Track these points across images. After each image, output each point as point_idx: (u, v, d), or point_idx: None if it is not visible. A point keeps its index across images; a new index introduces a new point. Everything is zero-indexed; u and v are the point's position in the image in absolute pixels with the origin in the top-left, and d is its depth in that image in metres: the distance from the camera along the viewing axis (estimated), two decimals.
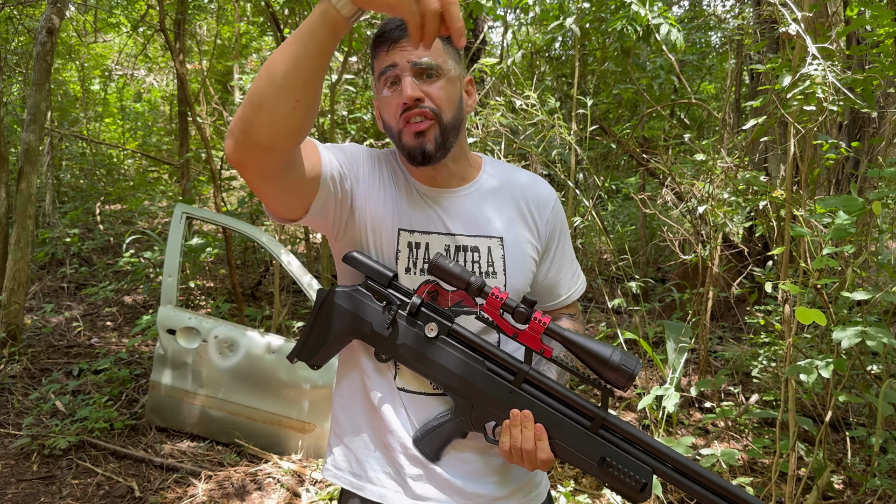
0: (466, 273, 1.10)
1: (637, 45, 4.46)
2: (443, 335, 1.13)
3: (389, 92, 1.17)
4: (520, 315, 1.08)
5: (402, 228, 1.20)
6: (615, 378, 1.05)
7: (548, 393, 1.12)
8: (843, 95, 2.32)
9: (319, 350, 1.19)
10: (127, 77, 11.12)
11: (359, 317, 1.16)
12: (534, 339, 1.09)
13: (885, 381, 2.41)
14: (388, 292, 1.15)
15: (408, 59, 1.15)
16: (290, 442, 3.50)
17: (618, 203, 8.33)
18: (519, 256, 1.25)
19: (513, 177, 1.32)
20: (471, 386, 1.12)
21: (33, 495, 3.16)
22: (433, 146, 1.16)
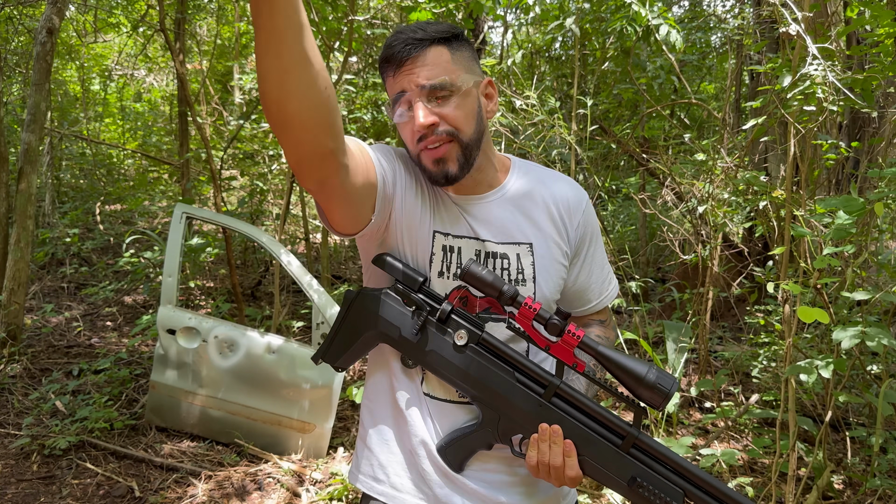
0: (499, 281, 1.07)
1: (637, 46, 4.46)
2: (472, 343, 1.10)
3: (405, 117, 1.12)
4: (553, 327, 1.05)
5: (438, 231, 1.18)
6: (650, 397, 1.02)
7: (578, 408, 1.09)
8: (843, 95, 2.32)
9: (345, 352, 1.16)
10: (127, 77, 11.12)
11: (387, 321, 1.12)
12: (566, 352, 1.06)
13: (885, 381, 2.41)
14: (419, 297, 1.12)
15: (416, 84, 1.10)
16: (290, 442, 3.50)
17: (618, 203, 8.33)
18: (548, 263, 1.22)
19: (542, 180, 1.28)
20: (499, 397, 1.09)
21: (33, 495, 3.16)
22: (456, 168, 1.13)
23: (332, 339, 1.16)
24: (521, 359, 1.10)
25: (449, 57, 1.13)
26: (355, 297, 1.15)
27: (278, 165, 8.49)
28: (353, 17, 5.26)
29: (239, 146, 8.56)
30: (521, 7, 5.89)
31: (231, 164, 8.92)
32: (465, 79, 1.13)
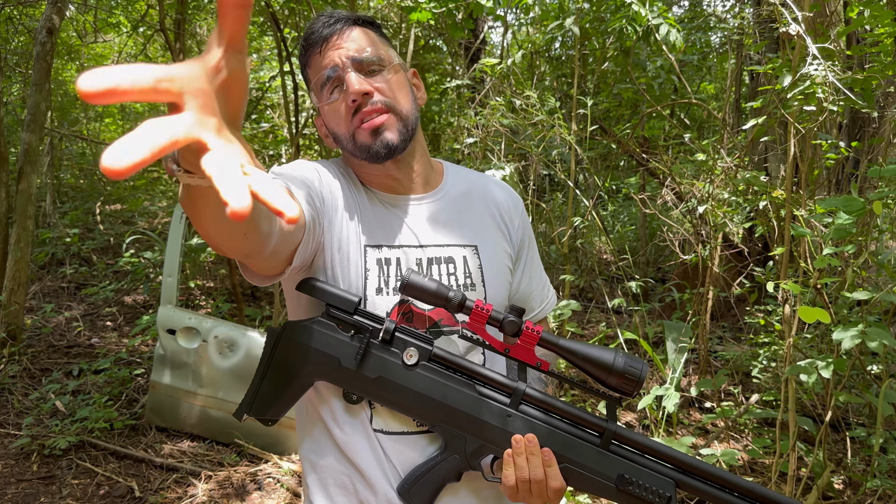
0: (444, 288, 0.97)
1: (637, 45, 4.46)
2: (423, 361, 0.98)
3: (336, 96, 1.06)
4: (510, 326, 0.96)
5: (369, 245, 1.07)
6: (621, 384, 0.95)
7: (549, 412, 1.00)
8: (843, 95, 2.32)
9: (277, 401, 0.99)
10: None
11: (322, 352, 0.98)
12: (527, 352, 0.97)
13: (885, 381, 2.41)
14: (356, 319, 0.99)
15: (346, 56, 1.05)
16: (290, 442, 3.50)
17: (618, 203, 8.33)
18: (496, 265, 1.14)
19: (478, 181, 1.22)
20: (462, 415, 0.97)
21: (33, 495, 3.16)
22: (396, 136, 1.05)
23: (258, 388, 0.99)
24: (479, 369, 1.00)
25: (374, 37, 1.10)
26: (282, 332, 0.99)
27: (278, 165, 8.48)
28: None
29: None
30: (520, 7, 5.89)
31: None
32: (392, 55, 1.10)
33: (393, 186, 1.13)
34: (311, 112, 6.74)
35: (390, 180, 1.12)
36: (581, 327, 5.63)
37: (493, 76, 4.49)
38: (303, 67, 1.11)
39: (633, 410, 3.85)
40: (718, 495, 0.95)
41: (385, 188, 1.13)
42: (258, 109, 8.40)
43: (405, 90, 1.09)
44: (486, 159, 4.32)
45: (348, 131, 1.06)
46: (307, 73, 1.11)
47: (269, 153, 8.62)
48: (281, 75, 6.77)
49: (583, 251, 6.77)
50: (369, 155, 1.06)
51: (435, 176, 1.18)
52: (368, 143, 1.05)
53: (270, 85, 8.03)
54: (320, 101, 1.08)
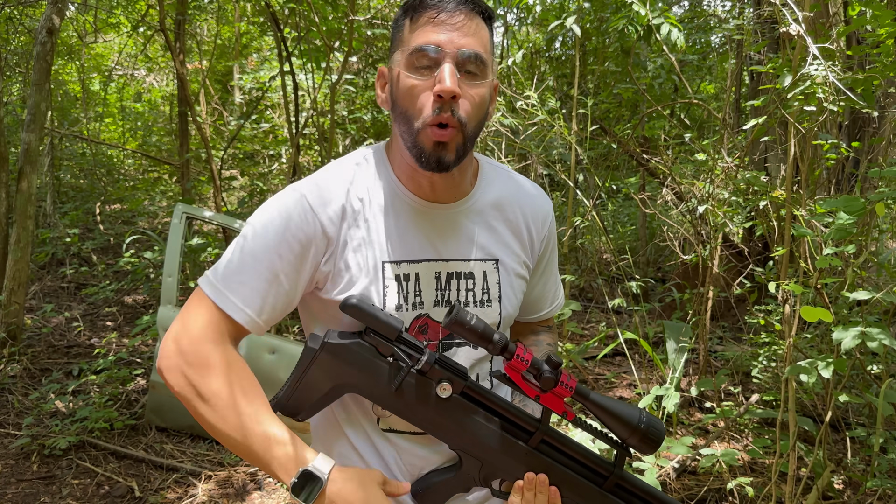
0: (489, 330, 0.96)
1: (637, 45, 4.46)
2: (455, 394, 1.01)
3: (418, 77, 0.98)
4: (547, 381, 0.98)
5: (388, 261, 1.05)
6: (641, 444, 1.01)
7: (563, 452, 1.06)
8: (843, 95, 2.32)
9: (307, 407, 1.02)
10: (127, 77, 11.12)
11: (360, 374, 1.00)
12: (557, 402, 1.01)
13: (885, 381, 2.41)
14: (398, 349, 0.99)
15: (457, 45, 0.97)
16: None
17: (618, 203, 8.33)
18: (513, 281, 1.14)
19: (512, 187, 1.18)
20: (483, 446, 1.03)
21: (33, 495, 3.16)
22: (453, 157, 1.00)
23: (293, 393, 1.01)
24: (507, 406, 1.04)
25: (488, 38, 1.03)
26: (320, 349, 0.99)
27: (278, 165, 8.49)
28: (353, 17, 5.26)
29: (239, 146, 8.57)
30: (520, 7, 5.89)
31: (231, 164, 8.93)
32: (492, 68, 1.03)
33: (424, 190, 1.08)
34: (310, 112, 6.74)
35: (426, 183, 1.07)
36: (581, 327, 5.63)
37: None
38: (407, 11, 1.01)
39: None
40: None
41: (420, 192, 1.08)
42: (259, 109, 8.40)
43: (483, 109, 1.03)
44: None
45: (416, 119, 0.99)
46: (403, 32, 1.02)
47: (269, 153, 8.63)
48: (281, 75, 6.77)
49: (583, 251, 6.78)
50: (419, 158, 1.01)
51: (467, 182, 1.13)
52: (426, 148, 0.99)
53: (270, 85, 8.04)
54: (401, 68, 1.00)
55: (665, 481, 3.01)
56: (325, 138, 6.60)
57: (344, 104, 7.20)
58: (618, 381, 4.50)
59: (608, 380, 4.49)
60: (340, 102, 6.95)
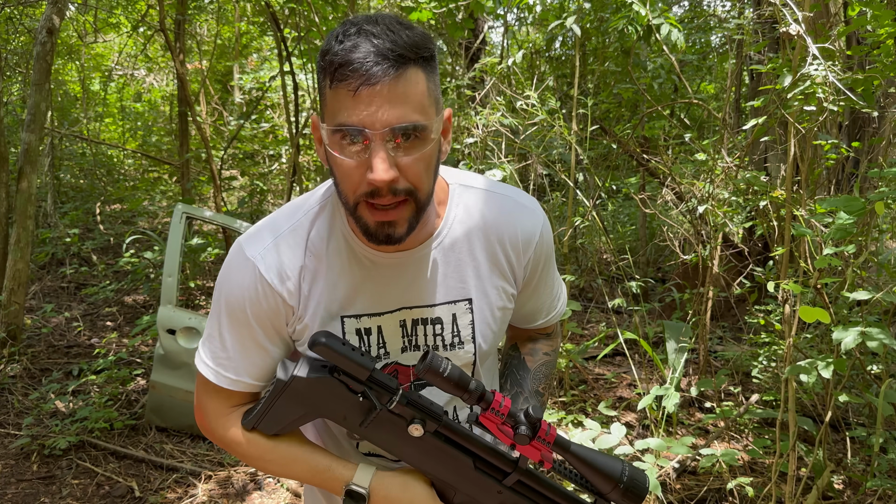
0: (465, 379, 0.91)
1: (637, 45, 4.46)
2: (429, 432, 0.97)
3: (349, 157, 0.87)
4: (521, 438, 0.93)
5: (346, 315, 1.02)
6: (621, 501, 0.97)
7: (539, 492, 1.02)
8: (843, 95, 2.32)
9: (279, 427, 1.02)
10: (127, 77, 11.12)
11: (329, 408, 0.97)
12: (534, 452, 0.96)
13: (885, 381, 2.41)
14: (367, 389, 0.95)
15: (384, 122, 0.83)
16: None
17: (618, 203, 8.34)
18: (489, 317, 1.08)
19: (487, 211, 1.06)
20: (457, 483, 1.01)
21: (33, 495, 3.16)
22: (404, 231, 0.92)
23: (264, 415, 1.01)
24: (482, 445, 0.99)
25: (425, 86, 0.88)
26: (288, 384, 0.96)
27: (278, 165, 8.49)
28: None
29: (239, 146, 8.57)
30: (520, 7, 5.90)
31: (231, 164, 8.93)
32: (436, 120, 0.90)
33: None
34: (310, 112, 6.74)
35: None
36: (581, 327, 5.63)
37: (493, 76, 4.49)
38: (325, 74, 0.87)
39: (634, 411, 3.85)
40: None
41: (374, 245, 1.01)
42: (259, 109, 8.40)
43: (432, 166, 0.92)
44: (486, 159, 4.32)
45: (352, 200, 0.91)
46: (326, 100, 0.89)
47: (269, 153, 8.63)
48: (281, 75, 6.77)
49: (583, 251, 6.78)
50: (364, 233, 0.94)
51: (432, 220, 1.03)
52: (370, 226, 0.92)
53: (270, 85, 8.04)
54: (328, 141, 0.89)
55: (665, 481, 3.01)
56: None
57: None
58: (618, 382, 4.50)
59: (608, 380, 4.49)
60: None
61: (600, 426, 2.83)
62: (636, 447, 2.81)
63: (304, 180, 6.89)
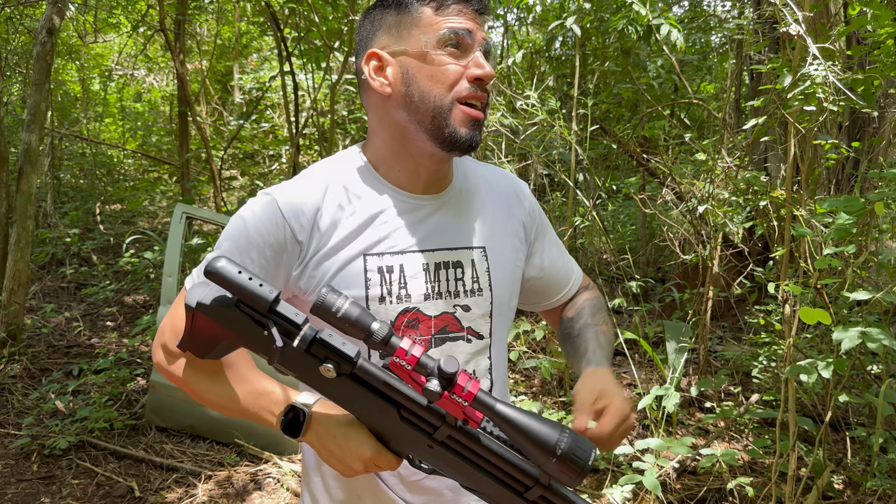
0: (366, 319, 0.82)
1: (637, 45, 4.46)
2: (345, 374, 0.87)
3: (450, 58, 1.01)
4: (430, 394, 0.80)
5: (369, 253, 1.03)
6: (561, 471, 0.80)
7: (476, 450, 0.88)
8: (843, 95, 2.32)
9: (209, 353, 0.93)
10: (127, 77, 11.12)
11: (240, 338, 0.88)
12: (454, 407, 0.82)
13: (885, 381, 2.41)
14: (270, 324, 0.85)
15: (482, 35, 1.03)
16: (289, 442, 3.50)
17: (618, 203, 8.33)
18: (503, 266, 1.12)
19: (486, 174, 1.19)
20: (386, 431, 0.90)
21: (33, 495, 3.16)
22: (479, 137, 1.04)
23: (189, 342, 0.92)
24: (407, 392, 0.87)
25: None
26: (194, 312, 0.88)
27: (278, 165, 8.49)
28: (354, 17, 5.26)
29: (239, 146, 8.57)
30: (520, 7, 5.89)
31: (231, 164, 8.93)
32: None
33: (413, 184, 1.07)
34: (310, 112, 6.74)
35: (423, 174, 1.07)
36: None
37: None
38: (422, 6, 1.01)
39: (633, 410, 3.85)
40: None
41: (400, 183, 1.07)
42: (259, 109, 8.40)
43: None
44: (486, 159, 4.32)
45: (448, 100, 1.00)
46: (421, 11, 1.01)
47: (269, 153, 8.64)
48: (281, 75, 6.77)
49: (583, 251, 6.77)
50: (450, 141, 1.01)
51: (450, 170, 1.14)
52: (461, 128, 1.01)
53: (270, 85, 8.04)
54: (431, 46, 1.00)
55: (665, 481, 3.01)
56: (325, 138, 6.60)
57: (344, 104, 7.20)
58: (618, 382, 4.51)
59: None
60: (340, 102, 6.96)
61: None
62: (636, 447, 2.81)
63: None
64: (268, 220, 1.01)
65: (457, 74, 1.00)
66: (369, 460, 0.91)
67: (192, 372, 0.98)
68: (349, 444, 0.92)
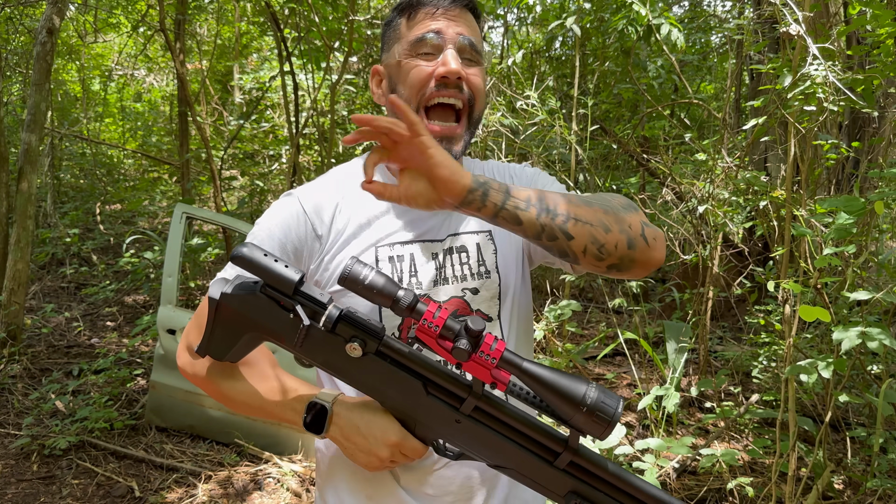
0: (391, 287, 0.84)
1: (637, 45, 4.46)
2: (371, 353, 0.89)
3: (421, 61, 1.04)
4: (459, 353, 0.81)
5: (380, 244, 1.07)
6: (588, 425, 0.81)
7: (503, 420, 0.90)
8: (843, 95, 2.32)
9: (230, 352, 0.95)
10: (127, 77, 11.12)
11: (264, 326, 0.90)
12: (482, 371, 0.83)
13: (885, 381, 2.41)
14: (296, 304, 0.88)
15: (456, 31, 1.04)
16: (289, 442, 3.50)
17: None
18: (510, 249, 1.14)
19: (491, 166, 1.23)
20: (407, 407, 0.91)
21: (33, 495, 3.16)
22: (460, 149, 1.06)
23: (210, 338, 0.94)
24: (433, 365, 0.89)
25: (478, 28, 1.10)
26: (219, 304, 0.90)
27: (278, 165, 8.49)
28: (353, 17, 5.26)
29: (239, 146, 8.57)
30: (520, 7, 5.90)
31: (231, 164, 8.93)
32: (486, 55, 1.13)
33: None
34: (310, 112, 6.74)
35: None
36: (581, 327, 5.63)
37: (493, 76, 4.49)
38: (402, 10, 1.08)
39: (634, 411, 3.85)
40: None
41: None
42: (259, 109, 8.40)
43: (484, 93, 1.09)
44: (486, 159, 4.32)
45: (417, 102, 1.04)
46: (402, 25, 1.07)
47: (269, 153, 8.63)
48: (281, 75, 6.77)
49: None
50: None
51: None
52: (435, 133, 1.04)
53: (270, 85, 8.04)
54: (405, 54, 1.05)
55: (665, 481, 3.01)
56: (325, 138, 6.60)
57: (344, 104, 7.20)
58: (618, 382, 4.50)
59: (608, 380, 4.49)
60: (340, 102, 6.96)
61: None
62: (636, 447, 2.81)
63: (303, 180, 6.89)
64: (290, 217, 1.07)
65: (424, 77, 1.03)
66: (395, 446, 0.92)
67: (215, 372, 1.01)
68: (373, 430, 0.93)
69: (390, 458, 0.93)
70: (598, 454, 0.89)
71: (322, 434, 0.95)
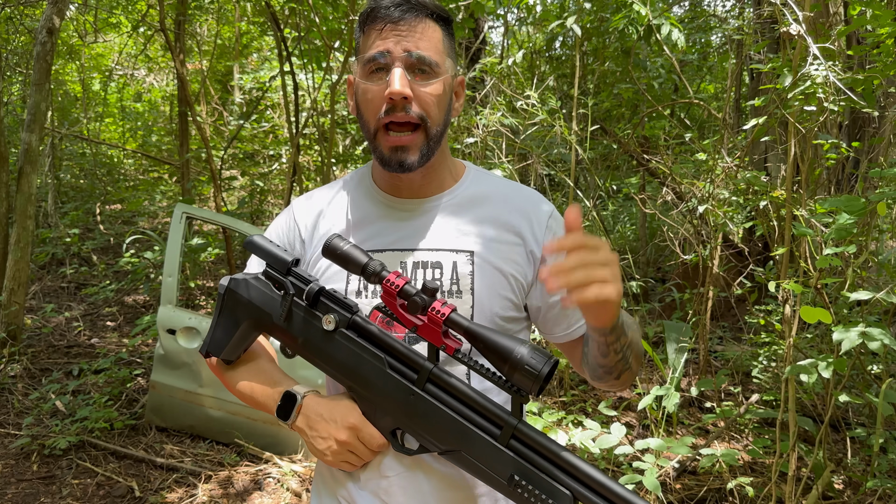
0: (362, 257, 0.95)
1: (637, 45, 4.46)
2: (342, 328, 1.00)
3: (373, 83, 1.04)
4: (413, 305, 0.92)
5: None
6: (520, 380, 0.87)
7: (454, 395, 0.96)
8: (843, 95, 2.32)
9: (227, 344, 1.10)
10: (127, 77, 11.12)
11: (258, 307, 1.06)
12: (434, 333, 0.93)
13: (885, 381, 2.41)
14: (286, 279, 1.03)
15: (404, 48, 1.02)
16: (289, 442, 3.50)
17: (618, 203, 8.33)
18: (492, 274, 1.08)
19: (503, 187, 1.17)
20: (370, 386, 0.99)
21: (33, 495, 3.16)
22: (416, 158, 1.05)
23: (213, 332, 1.10)
24: (393, 343, 0.99)
25: (441, 37, 1.06)
26: (228, 286, 1.08)
27: (278, 165, 8.49)
28: (354, 17, 5.26)
29: (239, 146, 8.56)
30: (521, 7, 5.90)
31: (231, 164, 8.93)
32: (448, 65, 1.07)
33: (397, 188, 1.13)
34: (310, 112, 6.74)
35: (396, 181, 1.12)
36: None
37: (493, 76, 4.49)
38: (361, 25, 1.08)
39: (634, 410, 3.85)
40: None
41: (389, 189, 1.14)
42: (259, 109, 8.40)
43: (443, 106, 1.07)
44: (486, 159, 4.32)
45: (373, 125, 1.06)
46: (359, 42, 1.08)
47: (269, 153, 8.63)
48: (281, 75, 6.77)
49: None
50: (381, 162, 1.07)
51: (449, 179, 1.15)
52: (386, 154, 1.05)
53: (270, 85, 8.04)
54: (359, 75, 1.07)
55: (665, 481, 3.01)
56: (325, 138, 6.60)
57: (344, 104, 7.19)
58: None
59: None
60: (340, 102, 6.95)
61: (600, 426, 2.83)
62: (636, 447, 2.81)
63: (304, 180, 6.89)
64: (283, 224, 1.19)
65: (376, 100, 1.04)
66: (353, 428, 1.00)
67: (222, 364, 1.14)
68: (334, 414, 1.01)
69: (347, 441, 1.00)
70: (545, 436, 0.93)
71: (288, 422, 1.03)
